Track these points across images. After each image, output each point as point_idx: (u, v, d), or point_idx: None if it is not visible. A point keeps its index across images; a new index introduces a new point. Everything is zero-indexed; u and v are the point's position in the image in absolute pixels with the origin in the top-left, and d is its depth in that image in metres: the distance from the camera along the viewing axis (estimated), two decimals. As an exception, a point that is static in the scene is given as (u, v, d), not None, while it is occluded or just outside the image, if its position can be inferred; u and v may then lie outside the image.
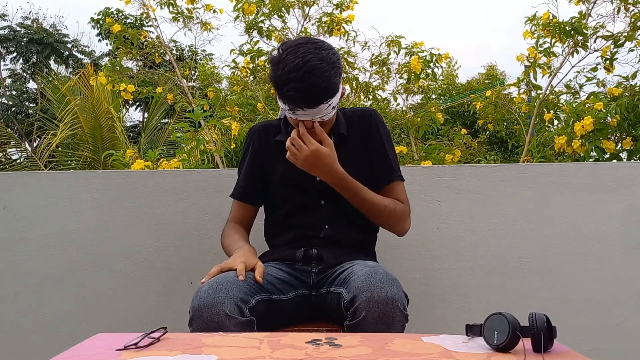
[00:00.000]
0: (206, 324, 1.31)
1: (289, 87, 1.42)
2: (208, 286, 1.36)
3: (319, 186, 1.60)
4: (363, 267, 1.41)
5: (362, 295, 1.31)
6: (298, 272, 1.59)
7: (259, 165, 1.70)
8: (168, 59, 4.82)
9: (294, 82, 1.41)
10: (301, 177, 1.59)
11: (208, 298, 1.32)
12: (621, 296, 1.98)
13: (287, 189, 1.65)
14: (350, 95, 4.61)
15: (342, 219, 1.63)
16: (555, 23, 3.76)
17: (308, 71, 1.41)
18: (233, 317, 1.32)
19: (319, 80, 1.42)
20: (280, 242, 1.68)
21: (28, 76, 15.70)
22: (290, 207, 1.65)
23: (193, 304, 1.35)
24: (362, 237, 1.69)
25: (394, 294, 1.31)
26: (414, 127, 4.45)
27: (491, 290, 2.00)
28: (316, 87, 1.43)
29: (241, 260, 1.46)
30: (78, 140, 8.04)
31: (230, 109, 4.34)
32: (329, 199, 1.62)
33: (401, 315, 1.32)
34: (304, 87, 1.42)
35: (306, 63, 1.41)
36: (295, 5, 4.26)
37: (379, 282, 1.32)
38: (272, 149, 1.67)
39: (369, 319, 1.29)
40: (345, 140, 1.63)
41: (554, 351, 1.04)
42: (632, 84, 3.52)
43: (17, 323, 2.03)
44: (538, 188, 2.01)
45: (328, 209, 1.63)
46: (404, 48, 4.22)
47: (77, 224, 2.04)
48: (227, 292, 1.34)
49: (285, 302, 1.51)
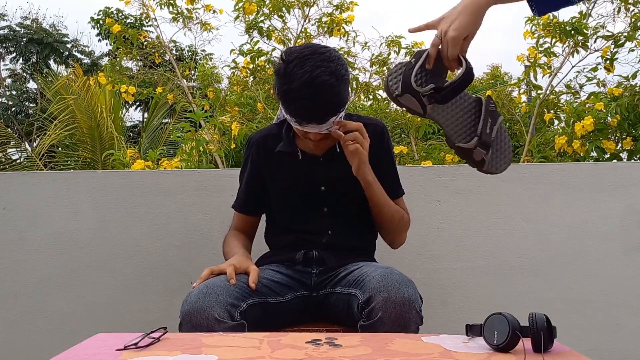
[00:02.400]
0: (195, 328, 1.30)
1: (299, 105, 1.40)
2: (197, 291, 1.35)
3: (323, 195, 1.61)
4: (376, 268, 1.40)
5: (379, 296, 1.31)
6: (298, 274, 1.58)
7: (259, 176, 1.66)
8: (168, 59, 4.82)
9: (304, 99, 1.38)
10: (307, 187, 1.60)
11: (197, 303, 1.32)
12: (621, 296, 1.98)
13: (290, 198, 1.64)
14: (351, 95, 4.61)
15: (345, 226, 1.62)
16: (556, 23, 3.77)
17: (318, 89, 1.37)
18: (222, 321, 1.31)
19: (330, 97, 1.40)
20: (280, 244, 1.67)
21: (28, 76, 15.70)
22: (292, 213, 1.64)
23: (182, 308, 1.34)
24: (364, 244, 1.69)
25: (410, 295, 1.31)
26: (414, 127, 4.45)
27: (491, 290, 2.00)
28: (327, 104, 1.41)
29: (231, 263, 1.46)
30: (77, 141, 8.04)
31: (230, 109, 4.34)
32: (332, 207, 1.62)
33: (417, 317, 1.32)
34: (315, 105, 1.39)
35: (315, 79, 1.37)
36: (296, 5, 4.26)
37: (395, 282, 1.32)
38: (274, 160, 1.63)
39: (385, 319, 1.29)
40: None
41: (554, 351, 1.04)
42: (632, 84, 3.53)
43: (17, 323, 2.03)
44: (538, 188, 2.01)
45: (330, 216, 1.62)
46: (404, 48, 4.23)
47: (77, 224, 2.04)
48: (216, 297, 1.33)
49: (282, 305, 1.50)
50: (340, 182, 1.59)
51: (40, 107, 10.83)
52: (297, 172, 1.61)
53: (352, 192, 1.57)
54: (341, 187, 1.59)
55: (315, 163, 1.60)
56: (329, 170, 1.60)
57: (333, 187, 1.60)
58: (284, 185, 1.63)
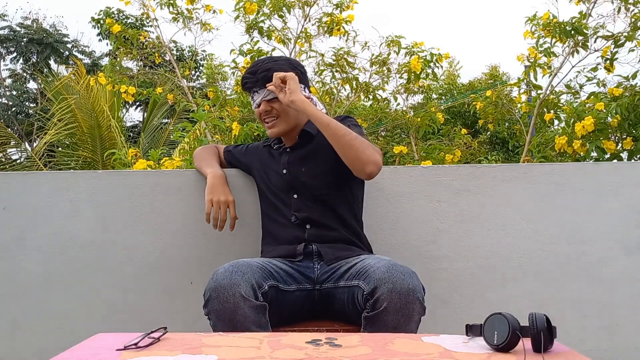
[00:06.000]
0: (222, 304, 1.35)
1: (244, 76, 1.78)
2: (224, 269, 1.41)
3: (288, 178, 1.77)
4: (380, 260, 1.45)
5: (383, 287, 1.34)
6: (302, 268, 1.64)
7: (246, 160, 1.94)
8: (168, 59, 4.82)
9: (247, 71, 1.78)
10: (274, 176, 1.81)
11: (225, 279, 1.37)
12: (621, 296, 1.98)
13: (266, 188, 1.83)
14: (351, 95, 4.61)
15: (324, 213, 1.72)
16: (556, 23, 3.76)
17: (256, 62, 1.80)
18: (248, 299, 1.36)
19: (264, 66, 1.74)
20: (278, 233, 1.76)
21: (28, 76, 15.70)
22: (271, 205, 1.81)
23: (209, 285, 1.39)
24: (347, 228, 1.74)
25: (415, 285, 1.36)
26: (414, 127, 4.45)
27: (491, 290, 2.00)
28: (262, 70, 1.74)
29: (227, 197, 1.75)
30: (77, 140, 8.03)
31: (230, 109, 4.34)
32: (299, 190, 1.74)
33: (420, 307, 1.36)
34: (251, 70, 1.76)
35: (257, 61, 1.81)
36: (296, 5, 4.26)
37: (400, 273, 1.36)
38: (261, 155, 1.90)
39: (390, 309, 1.33)
40: (312, 137, 1.78)
41: (554, 351, 1.04)
42: (632, 84, 3.52)
43: (17, 323, 2.03)
44: (538, 188, 2.01)
45: (303, 202, 1.73)
46: (404, 48, 4.22)
47: (77, 224, 2.04)
48: (242, 275, 1.39)
49: (288, 294, 1.56)
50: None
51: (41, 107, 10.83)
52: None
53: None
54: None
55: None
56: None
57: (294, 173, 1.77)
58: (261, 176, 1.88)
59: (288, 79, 1.67)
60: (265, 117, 1.77)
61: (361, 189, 1.83)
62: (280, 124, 1.76)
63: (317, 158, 1.74)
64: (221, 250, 1.99)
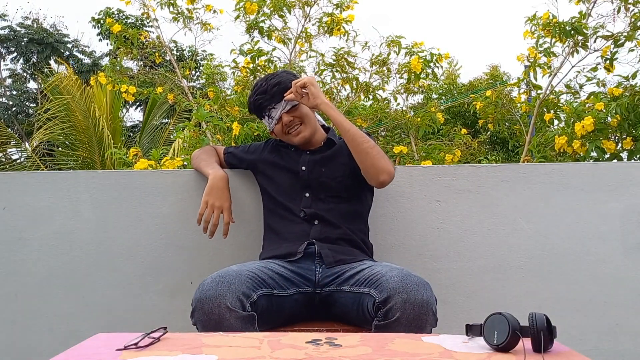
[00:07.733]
0: (207, 316, 1.33)
1: (255, 94, 1.79)
2: (211, 279, 1.39)
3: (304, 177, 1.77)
4: (392, 268, 1.43)
5: (397, 297, 1.33)
6: (302, 270, 1.60)
7: (252, 157, 1.92)
8: (168, 59, 4.82)
9: (257, 88, 1.80)
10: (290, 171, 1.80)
11: (210, 290, 1.35)
12: (621, 296, 1.97)
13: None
14: (351, 95, 4.61)
15: (330, 212, 1.71)
16: (555, 23, 3.76)
17: (261, 81, 1.81)
18: (234, 310, 1.34)
19: (273, 81, 1.76)
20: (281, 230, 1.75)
21: (28, 76, 15.70)
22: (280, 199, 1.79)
23: (195, 295, 1.38)
24: (353, 228, 1.73)
25: (428, 297, 1.35)
26: (414, 127, 4.45)
27: (491, 290, 2.00)
28: (273, 85, 1.75)
29: (223, 202, 1.72)
30: (75, 140, 8.03)
31: (230, 109, 4.34)
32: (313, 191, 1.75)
33: (433, 319, 1.35)
34: (263, 88, 1.77)
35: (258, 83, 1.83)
36: (296, 5, 4.26)
37: (414, 284, 1.34)
38: (268, 153, 1.89)
39: (403, 320, 1.31)
40: (334, 144, 1.80)
41: (554, 351, 1.04)
42: (632, 84, 3.52)
43: (17, 323, 2.03)
44: (538, 188, 2.01)
45: (313, 200, 1.73)
46: (404, 48, 4.22)
47: (77, 224, 2.04)
48: (229, 286, 1.37)
49: (285, 299, 1.52)
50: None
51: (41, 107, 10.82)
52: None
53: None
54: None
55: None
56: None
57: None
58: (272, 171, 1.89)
59: (308, 84, 1.69)
60: (290, 127, 1.77)
61: (371, 198, 1.85)
62: (306, 129, 1.78)
63: (337, 162, 1.77)
64: (221, 250, 1.99)
